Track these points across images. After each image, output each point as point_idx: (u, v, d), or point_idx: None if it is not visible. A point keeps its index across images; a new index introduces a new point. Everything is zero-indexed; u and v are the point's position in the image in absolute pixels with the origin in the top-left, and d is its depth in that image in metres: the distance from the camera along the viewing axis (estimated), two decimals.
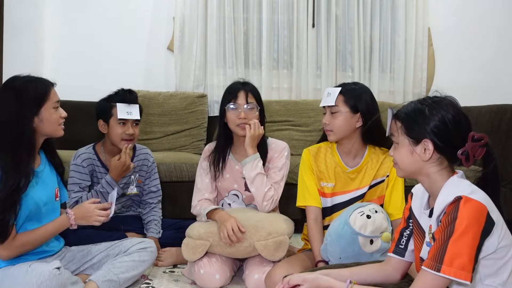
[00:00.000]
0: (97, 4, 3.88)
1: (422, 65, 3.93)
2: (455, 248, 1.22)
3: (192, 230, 2.15)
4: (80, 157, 2.46)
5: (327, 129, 2.02)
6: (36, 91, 1.82)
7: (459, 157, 1.33)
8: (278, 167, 2.23)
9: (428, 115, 1.36)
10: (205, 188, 2.29)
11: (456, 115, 1.35)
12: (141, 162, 2.58)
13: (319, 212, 2.05)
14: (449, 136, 1.34)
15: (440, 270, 1.23)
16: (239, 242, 2.04)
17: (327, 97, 2.02)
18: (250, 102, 2.22)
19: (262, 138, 2.25)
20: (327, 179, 2.08)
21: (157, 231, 2.53)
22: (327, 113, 2.03)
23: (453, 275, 1.22)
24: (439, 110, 1.35)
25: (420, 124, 1.36)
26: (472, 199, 1.25)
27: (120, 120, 2.42)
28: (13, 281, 1.72)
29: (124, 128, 2.42)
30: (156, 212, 2.59)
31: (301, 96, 3.87)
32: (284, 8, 3.88)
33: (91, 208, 1.85)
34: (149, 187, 2.60)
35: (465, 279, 1.22)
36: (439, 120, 1.34)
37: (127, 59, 3.87)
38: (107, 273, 1.94)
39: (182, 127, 3.59)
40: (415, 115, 1.38)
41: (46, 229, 1.84)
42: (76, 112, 3.60)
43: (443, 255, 1.23)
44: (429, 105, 1.38)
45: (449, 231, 1.24)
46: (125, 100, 2.42)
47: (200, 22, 3.80)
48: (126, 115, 2.39)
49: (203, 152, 2.38)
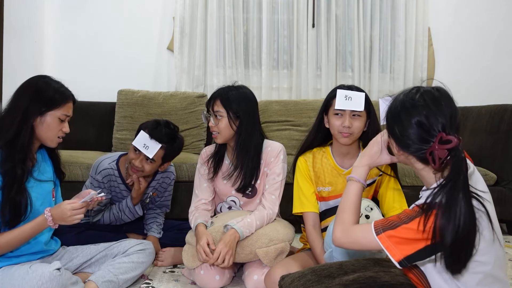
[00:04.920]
0: (97, 4, 3.89)
1: (422, 65, 3.94)
2: (401, 232, 1.25)
3: (192, 237, 2.14)
4: (101, 174, 2.36)
5: (348, 132, 1.98)
6: (53, 95, 1.84)
7: (427, 157, 1.26)
8: (276, 172, 2.20)
9: (388, 109, 1.39)
10: (202, 193, 2.27)
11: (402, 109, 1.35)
12: (162, 180, 2.53)
13: (317, 218, 2.05)
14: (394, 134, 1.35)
15: (378, 235, 1.28)
16: (209, 259, 1.98)
17: (347, 101, 1.96)
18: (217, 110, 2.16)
19: (257, 141, 2.21)
20: (324, 184, 2.08)
21: (158, 231, 2.53)
22: (348, 117, 1.97)
23: (386, 247, 1.26)
24: (394, 100, 1.38)
25: (388, 120, 1.39)
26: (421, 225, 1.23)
27: (135, 148, 2.26)
28: (13, 282, 1.71)
29: (135, 156, 2.27)
30: (159, 215, 2.60)
31: (301, 96, 3.87)
32: (284, 8, 3.88)
33: (67, 209, 1.78)
34: (161, 200, 2.59)
35: (392, 255, 1.25)
36: (388, 112, 1.38)
37: (127, 59, 3.88)
38: (106, 273, 1.94)
39: (182, 127, 3.58)
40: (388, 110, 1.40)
41: (23, 229, 1.77)
42: (76, 112, 3.61)
43: (392, 227, 1.27)
44: (396, 97, 1.39)
45: (408, 218, 1.26)
46: (150, 133, 2.23)
47: (200, 22, 3.81)
48: (141, 148, 2.20)
49: (199, 157, 2.33)
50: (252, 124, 2.18)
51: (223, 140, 2.18)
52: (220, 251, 1.97)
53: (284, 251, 2.08)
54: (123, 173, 2.41)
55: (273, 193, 2.18)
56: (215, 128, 2.16)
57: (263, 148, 2.24)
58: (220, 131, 2.15)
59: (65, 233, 2.20)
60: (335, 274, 1.53)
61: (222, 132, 2.15)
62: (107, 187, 2.39)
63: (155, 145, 2.21)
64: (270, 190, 2.19)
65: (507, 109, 3.08)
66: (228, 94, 2.16)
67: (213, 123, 2.17)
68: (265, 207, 2.15)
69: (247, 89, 2.24)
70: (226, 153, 2.29)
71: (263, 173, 2.24)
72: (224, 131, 2.15)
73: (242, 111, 2.14)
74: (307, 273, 1.58)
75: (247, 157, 2.18)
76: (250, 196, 2.26)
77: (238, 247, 2.05)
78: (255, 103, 2.23)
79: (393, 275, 1.47)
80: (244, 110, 2.15)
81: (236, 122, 2.14)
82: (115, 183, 2.42)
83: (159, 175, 2.50)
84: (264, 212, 2.13)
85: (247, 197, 2.26)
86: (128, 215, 2.42)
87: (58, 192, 2.07)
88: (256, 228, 2.07)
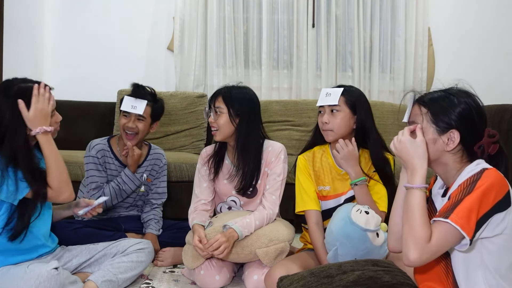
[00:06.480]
0: (97, 4, 3.89)
1: (422, 65, 3.93)
2: (468, 203, 1.23)
3: (191, 237, 2.14)
4: (95, 148, 2.48)
5: (327, 129, 2.02)
6: (18, 87, 1.83)
7: (475, 150, 1.34)
8: (277, 173, 2.19)
9: (456, 103, 1.36)
10: (202, 193, 2.27)
11: (479, 107, 1.37)
12: (154, 162, 2.62)
13: (319, 216, 2.05)
14: (474, 127, 1.35)
15: (448, 217, 1.24)
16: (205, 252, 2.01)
17: (326, 97, 2.02)
18: None
19: (258, 142, 2.22)
20: (323, 183, 2.09)
21: (156, 229, 2.54)
22: (327, 112, 2.03)
23: (459, 225, 1.22)
24: (467, 98, 1.37)
25: (449, 113, 1.35)
26: (498, 172, 1.28)
27: (124, 112, 2.44)
28: (12, 282, 1.72)
29: (126, 120, 2.44)
30: (157, 212, 2.61)
31: (301, 96, 3.87)
32: (284, 8, 3.88)
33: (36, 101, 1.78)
34: (156, 187, 2.63)
35: (467, 233, 1.22)
36: (466, 109, 1.35)
37: (127, 59, 3.87)
38: (106, 273, 1.95)
39: (182, 127, 3.59)
40: (443, 102, 1.37)
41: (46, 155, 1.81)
42: (76, 112, 3.63)
43: (455, 207, 1.24)
44: (456, 93, 1.38)
45: (468, 190, 1.26)
46: (133, 94, 2.43)
47: (200, 22, 3.81)
48: (130, 109, 2.40)
49: (200, 157, 2.33)
50: (252, 124, 2.18)
51: (222, 138, 2.18)
52: (217, 239, 1.98)
53: (284, 251, 2.08)
54: (115, 150, 2.54)
55: (273, 193, 2.18)
56: (215, 124, 2.16)
57: (264, 148, 2.24)
58: (219, 127, 2.15)
59: (62, 229, 2.21)
60: (334, 274, 1.53)
61: (221, 128, 2.15)
62: (102, 163, 2.48)
63: (142, 103, 2.41)
64: (271, 190, 2.19)
65: (507, 109, 3.08)
66: (231, 92, 2.17)
67: (213, 118, 2.17)
68: (265, 207, 2.15)
69: (251, 90, 2.25)
70: (227, 153, 2.29)
71: (263, 173, 2.24)
72: (224, 127, 2.15)
73: (243, 110, 2.15)
74: (306, 275, 1.58)
75: (248, 157, 2.18)
76: (251, 196, 2.26)
77: (238, 247, 2.05)
78: (257, 105, 2.24)
79: (393, 274, 1.47)
80: (245, 110, 2.16)
81: (236, 119, 2.14)
82: (109, 159, 2.52)
83: (150, 156, 2.61)
84: (264, 212, 2.13)
85: (247, 197, 2.26)
86: (129, 184, 2.47)
87: None
88: (255, 228, 2.07)
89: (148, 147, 2.65)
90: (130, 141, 2.44)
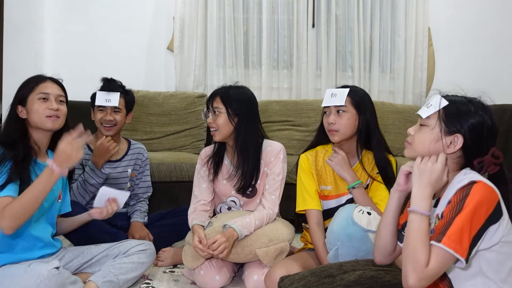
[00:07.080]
0: (97, 4, 3.89)
1: (422, 65, 3.94)
2: (459, 223, 1.22)
3: (191, 237, 2.14)
4: None
5: (333, 129, 2.01)
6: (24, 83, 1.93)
7: (474, 164, 1.35)
8: (276, 172, 2.19)
9: (472, 112, 1.37)
10: (201, 193, 2.27)
11: (494, 126, 1.38)
12: (136, 156, 2.67)
13: (320, 215, 2.05)
14: (481, 141, 1.36)
15: (440, 241, 1.23)
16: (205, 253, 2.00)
17: (332, 97, 2.01)
18: None
19: (257, 141, 2.22)
20: (325, 183, 2.09)
21: (141, 217, 2.57)
22: (333, 113, 2.01)
23: (452, 248, 1.21)
24: (484, 113, 1.37)
25: (461, 118, 1.36)
26: (487, 184, 1.27)
27: (99, 107, 2.51)
28: (12, 281, 1.71)
29: (102, 114, 2.50)
30: (142, 204, 2.66)
31: (301, 96, 3.87)
32: (284, 8, 3.88)
33: (65, 145, 1.75)
34: (141, 181, 2.68)
35: (461, 255, 1.21)
36: (479, 122, 1.36)
37: (127, 59, 3.87)
38: (107, 274, 1.95)
39: (182, 127, 3.59)
40: (461, 107, 1.38)
41: (33, 186, 1.73)
42: (76, 112, 3.62)
43: (447, 228, 1.23)
44: (476, 104, 1.39)
45: (458, 208, 1.25)
46: (105, 87, 2.50)
47: (200, 22, 3.81)
48: (105, 102, 2.47)
49: (199, 158, 2.33)
50: (251, 123, 2.18)
51: (221, 138, 2.18)
52: (217, 239, 1.98)
53: (284, 251, 2.08)
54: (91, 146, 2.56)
55: (273, 193, 2.18)
56: (214, 124, 2.16)
57: (263, 148, 2.24)
58: (218, 127, 2.15)
59: None
60: (335, 274, 1.53)
61: (220, 128, 2.15)
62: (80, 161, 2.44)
63: (115, 95, 2.48)
64: (270, 190, 2.19)
65: (507, 109, 3.08)
66: (228, 92, 2.17)
67: (211, 118, 2.17)
68: (265, 207, 2.15)
69: (248, 89, 2.25)
70: (226, 153, 2.29)
71: (263, 173, 2.24)
72: (222, 127, 2.15)
73: (241, 110, 2.15)
74: (307, 275, 1.58)
75: (247, 157, 2.18)
76: (250, 196, 2.26)
77: (238, 247, 2.05)
78: (255, 104, 2.24)
79: (394, 274, 1.47)
80: (244, 109, 2.16)
81: (234, 119, 2.15)
82: (87, 155, 2.49)
83: (131, 151, 2.66)
84: (264, 212, 2.13)
85: (247, 197, 2.26)
86: (94, 177, 2.44)
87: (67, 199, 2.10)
88: (255, 228, 2.07)
89: (128, 143, 2.70)
90: (109, 132, 2.50)
